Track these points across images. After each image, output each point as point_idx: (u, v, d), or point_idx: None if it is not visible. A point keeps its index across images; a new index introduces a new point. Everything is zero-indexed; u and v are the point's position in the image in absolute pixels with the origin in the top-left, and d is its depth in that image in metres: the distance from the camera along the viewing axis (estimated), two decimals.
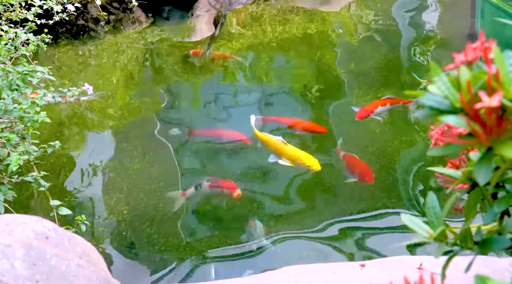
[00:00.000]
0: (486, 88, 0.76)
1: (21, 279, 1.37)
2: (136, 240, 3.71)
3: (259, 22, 7.09)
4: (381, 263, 2.08)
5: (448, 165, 1.00)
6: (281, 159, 4.21)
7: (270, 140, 4.37)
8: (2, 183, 2.86)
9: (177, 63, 6.22)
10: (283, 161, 4.20)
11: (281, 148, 4.26)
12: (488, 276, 0.78)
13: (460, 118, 0.77)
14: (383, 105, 4.79)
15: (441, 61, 5.81)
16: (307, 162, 4.14)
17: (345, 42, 6.66)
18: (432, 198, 0.96)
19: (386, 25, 6.88)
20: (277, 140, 4.32)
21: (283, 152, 4.24)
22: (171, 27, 7.02)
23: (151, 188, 4.16)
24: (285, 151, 4.24)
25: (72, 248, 1.58)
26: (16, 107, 2.93)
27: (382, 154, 4.41)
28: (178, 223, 3.83)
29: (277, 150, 4.28)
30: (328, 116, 5.07)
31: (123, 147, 4.71)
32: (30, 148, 2.86)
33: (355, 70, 5.87)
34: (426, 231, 0.93)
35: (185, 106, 5.57)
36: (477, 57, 0.79)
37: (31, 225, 1.53)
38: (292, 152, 4.23)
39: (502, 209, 0.89)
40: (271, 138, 4.38)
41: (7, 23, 3.65)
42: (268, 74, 6.02)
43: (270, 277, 2.09)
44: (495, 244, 0.90)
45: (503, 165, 0.82)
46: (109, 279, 1.65)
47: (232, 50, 6.42)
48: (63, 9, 3.96)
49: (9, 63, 3.24)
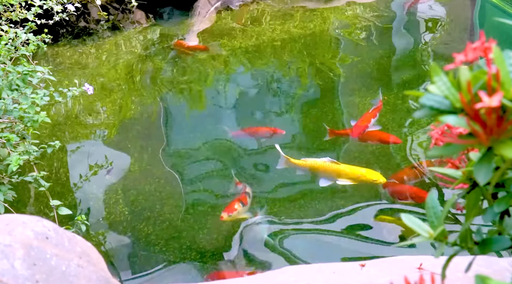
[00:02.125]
0: (486, 88, 0.76)
1: (21, 279, 1.37)
2: (137, 240, 3.71)
3: (260, 21, 7.09)
4: (381, 263, 2.08)
5: (448, 165, 1.00)
6: (338, 179, 3.94)
7: (317, 163, 4.06)
8: (2, 183, 2.86)
9: (178, 62, 6.22)
10: (342, 181, 3.93)
11: (335, 168, 3.99)
12: (488, 276, 0.78)
13: (460, 118, 0.77)
14: (374, 116, 4.59)
15: (442, 61, 5.81)
16: (371, 177, 3.92)
17: (345, 42, 6.66)
18: (432, 198, 0.96)
19: (386, 23, 6.88)
20: (325, 162, 4.03)
21: (340, 172, 3.97)
22: (171, 27, 7.02)
23: (151, 188, 4.17)
24: (341, 170, 3.97)
25: (72, 248, 1.58)
26: (16, 107, 2.93)
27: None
28: (178, 223, 3.83)
29: (331, 172, 3.99)
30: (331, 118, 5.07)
31: (124, 146, 4.72)
32: (30, 148, 2.86)
33: (355, 71, 5.87)
34: (426, 231, 0.93)
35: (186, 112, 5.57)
36: (477, 57, 0.79)
37: (31, 225, 1.53)
38: (350, 169, 3.98)
39: (502, 209, 0.89)
40: (316, 161, 4.07)
41: (7, 23, 3.65)
42: (269, 74, 6.02)
43: (270, 277, 2.09)
44: (495, 244, 0.90)
45: (503, 165, 0.82)
46: (109, 279, 1.65)
47: (232, 50, 6.43)
48: (63, 9, 3.96)
49: (9, 63, 3.24)
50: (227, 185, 4.15)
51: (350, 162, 4.18)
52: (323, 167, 4.03)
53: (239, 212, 3.66)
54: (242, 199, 3.77)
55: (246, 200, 3.77)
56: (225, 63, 6.22)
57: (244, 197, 3.79)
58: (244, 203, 3.74)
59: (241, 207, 3.69)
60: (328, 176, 3.99)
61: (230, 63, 6.24)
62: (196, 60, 6.21)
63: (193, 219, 3.83)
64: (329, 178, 3.98)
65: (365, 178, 3.92)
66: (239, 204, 3.69)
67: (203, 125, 4.99)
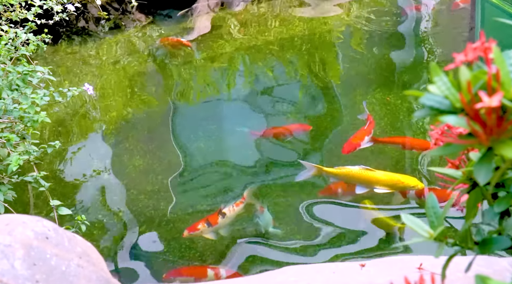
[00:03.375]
0: (486, 88, 0.76)
1: (21, 279, 1.37)
2: (137, 239, 3.71)
3: (259, 22, 7.08)
4: (381, 263, 2.08)
5: (448, 165, 1.00)
6: (375, 187, 3.81)
7: (352, 171, 3.92)
8: (2, 183, 2.86)
9: (177, 62, 6.22)
10: (379, 189, 3.80)
11: (371, 176, 3.85)
12: (488, 276, 0.78)
13: (460, 118, 0.77)
14: (368, 133, 4.38)
15: (442, 61, 5.81)
16: (410, 183, 3.79)
17: (345, 41, 6.66)
18: (432, 198, 0.96)
19: (386, 24, 6.88)
20: (360, 169, 3.90)
21: (376, 179, 3.84)
22: (171, 27, 7.02)
23: (154, 189, 4.16)
24: (378, 177, 3.85)
25: (72, 248, 1.58)
26: (16, 107, 2.93)
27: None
28: (179, 223, 3.83)
29: (367, 180, 3.85)
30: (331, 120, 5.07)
31: (124, 146, 4.72)
32: (30, 148, 2.86)
33: (355, 71, 5.87)
34: (426, 231, 0.93)
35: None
36: (477, 57, 0.79)
37: (31, 225, 1.53)
38: (387, 176, 3.87)
39: (502, 209, 0.89)
40: (351, 169, 3.94)
41: (7, 23, 3.65)
42: (269, 74, 6.02)
43: (270, 277, 2.09)
44: (495, 244, 0.90)
45: (503, 165, 0.82)
46: (109, 279, 1.65)
47: (231, 49, 6.42)
48: (63, 9, 3.96)
49: (9, 63, 3.24)
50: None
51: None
52: (358, 174, 3.89)
53: (202, 231, 3.53)
54: (209, 219, 3.61)
55: (216, 220, 3.59)
56: (224, 63, 6.22)
57: (214, 217, 3.62)
58: (211, 223, 3.57)
59: (206, 228, 3.54)
60: (364, 184, 3.85)
61: (228, 63, 6.24)
62: (191, 60, 6.21)
63: (192, 221, 3.83)
64: (365, 185, 3.84)
65: (403, 185, 3.80)
66: (203, 224, 3.56)
67: (209, 125, 4.97)
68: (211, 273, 3.28)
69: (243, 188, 4.07)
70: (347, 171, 3.93)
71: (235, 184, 4.21)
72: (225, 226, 3.63)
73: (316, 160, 4.36)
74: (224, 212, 3.65)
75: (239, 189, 4.08)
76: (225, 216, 3.64)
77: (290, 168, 4.32)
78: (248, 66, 6.25)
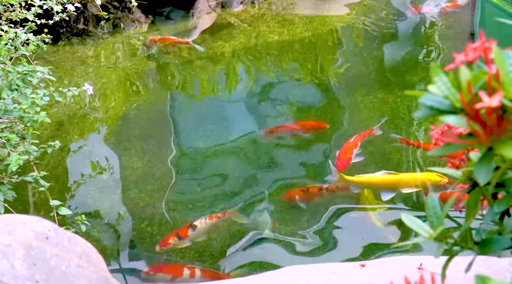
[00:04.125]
0: (487, 88, 0.76)
1: (21, 279, 1.37)
2: (137, 239, 3.71)
3: (259, 22, 7.08)
4: (381, 263, 2.08)
5: (448, 165, 1.00)
6: (402, 189, 3.77)
7: (374, 178, 3.88)
8: (2, 183, 2.86)
9: (178, 62, 6.22)
10: (406, 189, 3.77)
11: (395, 179, 3.82)
12: (488, 276, 0.78)
13: (460, 118, 0.77)
14: (356, 146, 4.29)
15: (443, 61, 5.81)
16: (436, 178, 3.72)
17: (345, 41, 6.66)
18: (432, 198, 0.96)
19: (387, 25, 6.88)
20: (382, 174, 3.86)
21: (401, 181, 3.82)
22: (171, 27, 7.02)
23: (153, 188, 4.16)
24: (402, 179, 3.83)
25: (72, 248, 1.58)
26: (16, 107, 2.93)
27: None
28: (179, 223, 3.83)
29: (392, 183, 3.81)
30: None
31: (124, 145, 4.72)
32: (30, 148, 2.86)
33: (355, 71, 5.87)
34: (426, 230, 0.93)
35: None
36: (477, 57, 0.79)
37: (31, 225, 1.53)
38: (412, 176, 3.86)
39: (502, 209, 0.89)
40: (373, 176, 3.89)
41: (7, 23, 3.65)
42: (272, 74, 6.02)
43: (270, 277, 2.09)
44: (495, 244, 0.90)
45: (503, 165, 0.82)
46: (109, 279, 1.65)
47: (231, 49, 6.42)
48: (63, 9, 3.96)
49: (9, 63, 3.24)
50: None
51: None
52: (382, 180, 3.84)
53: (175, 245, 3.55)
54: (179, 233, 3.61)
55: (186, 234, 3.59)
56: (223, 64, 6.22)
57: (184, 230, 3.62)
58: (181, 236, 3.57)
59: (177, 241, 3.56)
60: (389, 188, 3.79)
61: (228, 63, 6.24)
62: (192, 60, 6.21)
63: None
64: (391, 189, 3.79)
65: (430, 182, 3.76)
66: (174, 238, 3.57)
67: (210, 125, 4.97)
68: (187, 272, 3.35)
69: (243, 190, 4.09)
70: (368, 178, 3.89)
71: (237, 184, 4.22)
72: (197, 237, 3.63)
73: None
74: (195, 224, 3.66)
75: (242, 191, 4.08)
76: (195, 229, 3.63)
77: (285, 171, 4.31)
78: (249, 66, 6.25)
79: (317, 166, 4.31)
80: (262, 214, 3.74)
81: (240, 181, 4.23)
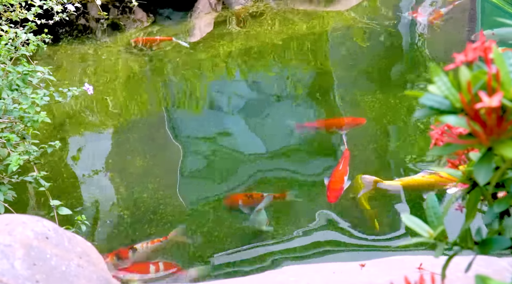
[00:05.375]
0: (486, 88, 0.76)
1: (21, 279, 1.37)
2: (137, 239, 3.70)
3: (259, 22, 7.08)
4: (381, 263, 2.08)
5: (448, 165, 1.00)
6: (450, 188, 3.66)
7: (417, 180, 3.76)
8: (2, 183, 2.86)
9: (178, 62, 6.22)
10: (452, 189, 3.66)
11: (437, 179, 3.63)
12: (488, 276, 0.78)
13: (460, 118, 0.77)
14: (346, 173, 4.01)
15: (442, 62, 5.81)
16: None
17: (346, 41, 6.66)
18: (432, 198, 0.96)
19: (387, 25, 6.88)
20: (423, 175, 3.74)
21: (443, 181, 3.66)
22: (171, 27, 7.02)
23: (155, 187, 4.16)
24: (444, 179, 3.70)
25: (72, 248, 1.58)
26: (16, 107, 2.93)
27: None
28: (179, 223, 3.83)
29: (434, 184, 3.65)
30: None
31: (124, 146, 4.72)
32: (30, 148, 2.86)
33: (355, 71, 5.87)
34: (426, 231, 0.93)
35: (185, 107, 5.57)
36: (477, 57, 0.79)
37: (31, 225, 1.53)
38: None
39: (502, 209, 0.89)
40: (415, 178, 3.78)
41: (7, 23, 3.65)
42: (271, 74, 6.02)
43: (269, 277, 2.09)
44: (495, 244, 0.90)
45: (503, 165, 0.82)
46: (109, 279, 1.65)
47: (232, 49, 6.42)
48: (63, 9, 3.96)
49: (9, 63, 3.24)
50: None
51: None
52: (423, 181, 3.73)
53: (113, 265, 3.49)
54: (120, 253, 3.56)
55: (126, 255, 3.54)
56: (223, 64, 6.22)
57: (125, 252, 3.57)
58: (121, 257, 3.53)
59: (115, 261, 3.52)
60: (435, 188, 3.62)
61: (228, 64, 6.24)
62: (192, 59, 6.21)
63: (193, 220, 3.83)
64: (434, 191, 3.59)
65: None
66: (112, 257, 3.51)
67: (209, 126, 4.97)
68: (152, 268, 3.40)
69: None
70: (413, 180, 3.78)
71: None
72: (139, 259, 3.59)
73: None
74: (136, 247, 3.62)
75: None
76: (135, 252, 3.60)
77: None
78: (249, 66, 6.25)
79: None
80: (259, 212, 3.74)
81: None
